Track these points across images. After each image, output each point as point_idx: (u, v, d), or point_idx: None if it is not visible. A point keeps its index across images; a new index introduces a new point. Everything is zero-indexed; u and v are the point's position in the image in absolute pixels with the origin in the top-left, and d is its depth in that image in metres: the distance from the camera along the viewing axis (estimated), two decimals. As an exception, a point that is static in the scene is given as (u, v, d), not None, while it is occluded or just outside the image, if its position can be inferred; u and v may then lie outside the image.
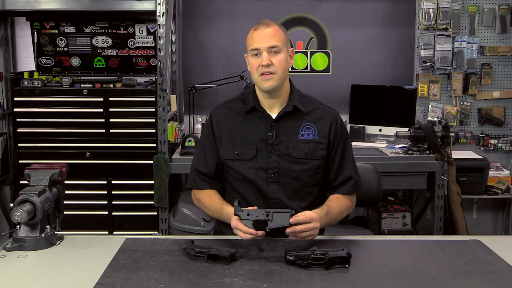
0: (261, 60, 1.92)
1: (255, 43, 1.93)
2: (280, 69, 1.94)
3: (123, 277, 1.55)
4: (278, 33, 1.93)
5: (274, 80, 1.94)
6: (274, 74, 1.93)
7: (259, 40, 1.92)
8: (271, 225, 1.71)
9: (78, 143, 3.58)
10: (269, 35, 1.92)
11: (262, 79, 1.94)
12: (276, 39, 1.92)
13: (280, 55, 1.93)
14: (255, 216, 1.72)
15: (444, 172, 3.50)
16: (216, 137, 2.05)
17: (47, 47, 3.98)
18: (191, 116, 4.07)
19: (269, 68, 1.92)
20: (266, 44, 1.91)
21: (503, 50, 4.15)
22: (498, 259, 1.70)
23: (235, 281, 1.52)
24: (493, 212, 4.34)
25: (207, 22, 4.14)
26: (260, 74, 1.93)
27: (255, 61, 1.94)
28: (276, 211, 1.72)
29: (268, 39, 1.92)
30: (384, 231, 3.60)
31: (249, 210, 1.73)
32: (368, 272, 1.60)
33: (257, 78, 1.96)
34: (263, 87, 1.96)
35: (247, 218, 1.72)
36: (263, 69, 1.92)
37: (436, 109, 4.19)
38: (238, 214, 1.74)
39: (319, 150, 2.01)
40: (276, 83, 1.95)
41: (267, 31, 1.92)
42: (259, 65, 1.93)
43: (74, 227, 3.34)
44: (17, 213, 1.69)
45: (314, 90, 4.14)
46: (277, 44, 1.92)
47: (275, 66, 1.92)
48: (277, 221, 1.71)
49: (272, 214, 1.71)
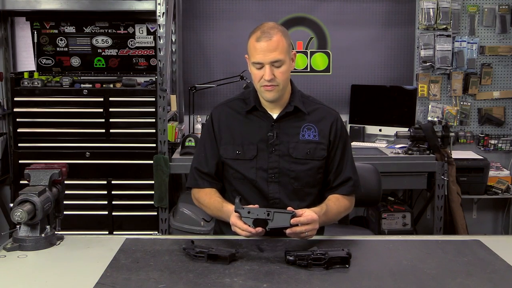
0: (264, 74, 1.90)
1: (258, 56, 1.90)
2: (283, 81, 1.94)
3: (123, 277, 1.55)
4: (281, 44, 1.90)
5: (276, 91, 1.94)
6: (276, 86, 1.93)
7: (262, 54, 1.89)
8: (271, 224, 1.71)
9: (78, 143, 3.58)
10: (271, 47, 1.88)
11: (265, 90, 1.94)
12: (279, 51, 1.89)
13: (282, 67, 1.92)
14: (256, 214, 1.71)
15: (444, 172, 3.50)
16: (217, 137, 2.05)
17: (47, 47, 3.98)
18: (191, 116, 4.07)
19: (272, 82, 1.91)
20: (268, 58, 1.89)
21: (503, 50, 4.15)
22: (498, 259, 1.70)
23: (235, 281, 1.52)
24: (493, 212, 4.34)
25: (207, 22, 4.14)
26: (263, 85, 1.93)
27: (258, 72, 1.93)
28: (277, 211, 1.72)
29: (271, 52, 1.88)
30: (384, 231, 3.60)
31: (250, 208, 1.73)
32: (368, 272, 1.60)
33: (260, 88, 1.96)
34: (266, 97, 1.96)
35: (248, 216, 1.71)
36: (266, 82, 1.91)
37: (436, 109, 4.19)
38: (239, 211, 1.73)
39: (320, 150, 2.01)
40: (278, 94, 1.95)
41: (270, 44, 1.88)
42: (261, 77, 1.92)
43: (74, 227, 3.35)
44: (17, 213, 1.69)
45: (314, 90, 4.14)
46: (280, 58, 1.89)
47: (278, 78, 1.92)
48: (277, 221, 1.71)
49: (273, 213, 1.71)
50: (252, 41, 1.92)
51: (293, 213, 1.72)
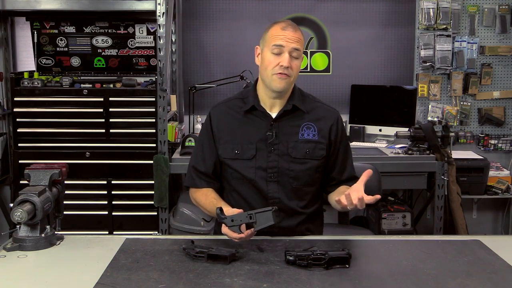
0: (282, 60, 1.90)
1: (280, 39, 1.90)
2: (296, 73, 1.95)
3: (123, 277, 1.55)
4: (302, 40, 1.95)
5: (287, 82, 1.94)
6: (289, 77, 1.93)
7: (285, 39, 1.90)
8: (257, 227, 1.69)
9: (78, 143, 3.58)
10: (295, 38, 1.92)
11: (278, 78, 1.92)
12: (300, 44, 1.94)
13: (298, 60, 1.94)
14: (239, 220, 1.70)
15: (444, 172, 3.50)
16: (215, 136, 2.05)
17: (47, 47, 3.98)
18: (191, 116, 4.07)
19: (287, 71, 1.91)
20: (291, 45, 1.90)
21: (503, 50, 4.15)
22: (498, 259, 1.70)
23: (235, 281, 1.52)
24: (493, 212, 4.33)
25: (207, 22, 4.14)
26: (277, 73, 1.92)
27: (274, 58, 1.91)
28: (257, 212, 1.69)
29: (294, 41, 1.91)
30: (384, 231, 3.60)
31: (232, 216, 1.72)
32: (368, 272, 1.60)
33: (271, 76, 1.93)
34: (275, 86, 1.94)
35: (232, 224, 1.71)
36: (282, 69, 1.90)
37: (436, 109, 4.19)
38: (223, 221, 1.72)
39: (319, 150, 2.01)
40: (288, 86, 1.96)
41: (295, 34, 1.92)
42: (277, 64, 1.91)
43: (74, 227, 3.35)
44: (17, 213, 1.69)
45: (314, 90, 4.14)
46: (300, 48, 1.93)
47: (292, 69, 1.93)
48: (261, 221, 1.69)
49: (254, 215, 1.69)
50: (276, 28, 1.93)
51: (274, 208, 1.69)
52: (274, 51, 1.91)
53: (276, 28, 1.94)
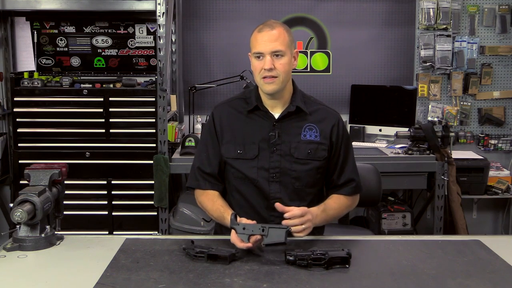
0: (264, 63, 1.91)
1: (258, 46, 1.92)
2: (283, 72, 1.93)
3: (123, 277, 1.55)
4: (282, 36, 1.92)
5: (276, 83, 1.94)
6: (276, 77, 1.93)
7: (262, 43, 1.91)
8: (266, 240, 1.69)
9: (78, 143, 3.58)
10: (273, 38, 1.91)
11: (265, 82, 1.93)
12: (280, 42, 1.91)
13: (283, 58, 1.92)
14: (251, 230, 1.70)
15: (444, 172, 3.50)
16: (218, 136, 2.05)
17: (47, 47, 3.98)
18: (191, 116, 4.07)
19: (272, 72, 1.91)
20: (269, 48, 1.90)
21: (503, 50, 4.15)
22: (498, 259, 1.70)
23: (235, 281, 1.52)
24: (493, 212, 4.34)
25: (207, 22, 4.14)
26: (263, 77, 1.93)
27: (258, 63, 1.93)
28: (272, 226, 1.70)
29: (272, 42, 1.90)
30: (384, 231, 3.60)
31: (245, 224, 1.72)
32: (368, 272, 1.60)
33: (260, 80, 1.95)
34: (265, 90, 1.96)
35: (243, 232, 1.71)
36: (266, 72, 1.91)
37: (436, 109, 4.19)
38: (234, 227, 1.73)
39: (321, 151, 2.01)
40: (278, 87, 1.95)
41: (271, 34, 1.91)
42: (261, 68, 1.92)
43: (74, 227, 3.35)
44: (17, 213, 1.69)
45: (314, 90, 4.14)
46: (281, 49, 1.91)
47: (278, 70, 1.92)
48: (272, 236, 1.69)
49: (268, 229, 1.69)
50: (254, 33, 1.96)
51: (288, 228, 1.71)
52: (257, 57, 1.94)
53: (254, 34, 1.95)
